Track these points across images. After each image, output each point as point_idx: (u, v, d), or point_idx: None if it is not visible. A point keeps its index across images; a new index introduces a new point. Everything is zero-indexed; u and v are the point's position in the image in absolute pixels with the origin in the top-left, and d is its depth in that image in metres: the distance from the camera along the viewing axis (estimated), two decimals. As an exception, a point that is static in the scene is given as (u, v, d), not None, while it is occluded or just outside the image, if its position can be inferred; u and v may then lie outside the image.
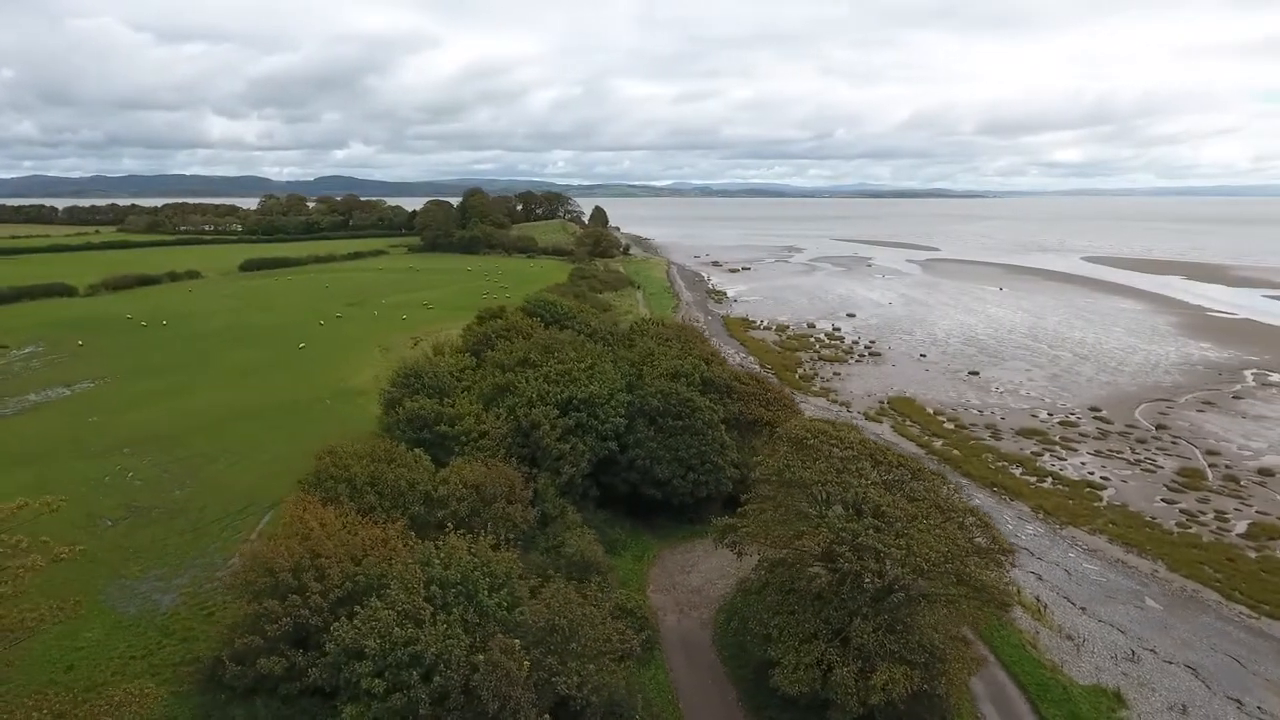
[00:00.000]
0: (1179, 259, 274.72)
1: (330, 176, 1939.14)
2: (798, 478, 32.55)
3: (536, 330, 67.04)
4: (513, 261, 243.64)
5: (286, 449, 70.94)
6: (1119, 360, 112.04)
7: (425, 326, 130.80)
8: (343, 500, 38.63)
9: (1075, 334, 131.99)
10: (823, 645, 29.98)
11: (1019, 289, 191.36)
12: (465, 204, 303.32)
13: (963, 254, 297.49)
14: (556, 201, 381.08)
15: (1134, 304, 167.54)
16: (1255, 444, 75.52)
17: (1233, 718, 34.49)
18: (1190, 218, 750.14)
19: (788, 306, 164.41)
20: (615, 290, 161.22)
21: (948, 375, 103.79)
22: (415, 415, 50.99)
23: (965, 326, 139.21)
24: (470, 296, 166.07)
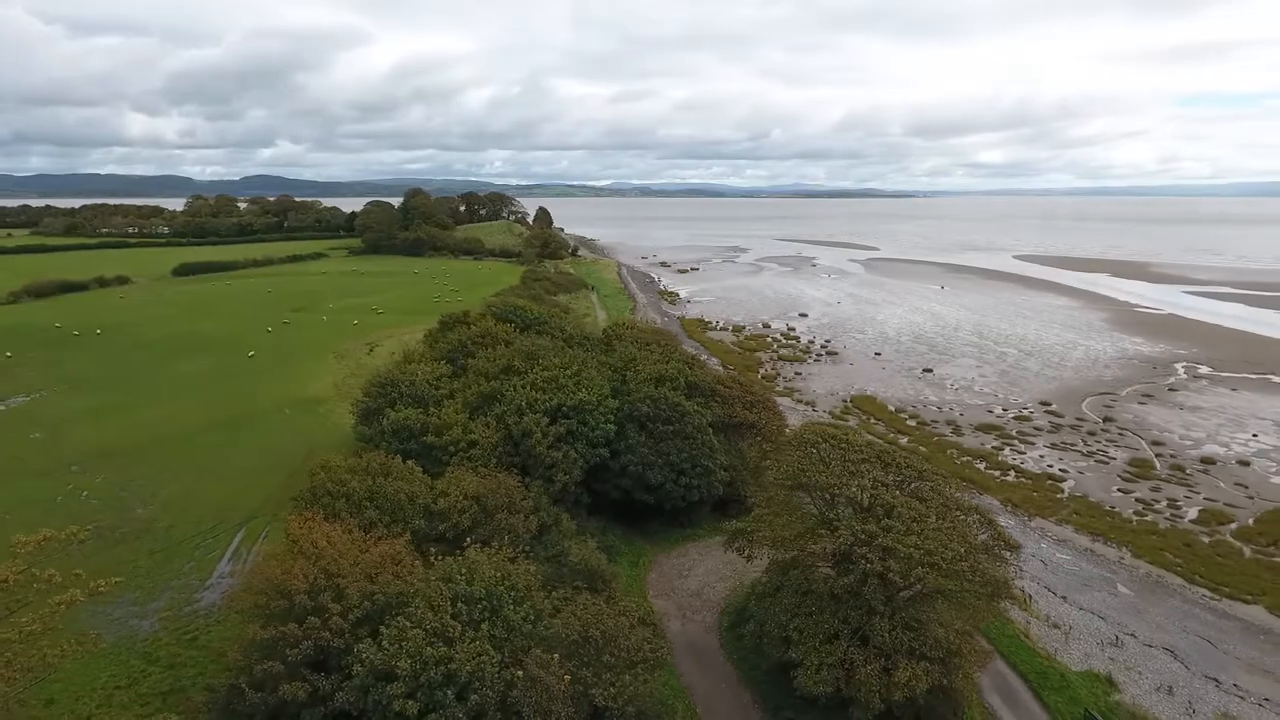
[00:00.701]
0: (1101, 257, 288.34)
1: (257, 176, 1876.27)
2: (814, 481, 33.15)
3: (516, 337, 66.27)
4: (460, 263, 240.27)
5: (251, 462, 68.72)
6: (1061, 355, 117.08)
7: (379, 332, 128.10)
8: (343, 516, 37.62)
9: (1018, 331, 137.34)
10: (844, 645, 30.63)
11: (959, 287, 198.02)
12: (407, 205, 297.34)
13: (902, 253, 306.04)
14: (500, 202, 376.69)
15: (1067, 301, 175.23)
16: (1195, 434, 79.92)
17: (1213, 696, 36.57)
18: (1106, 217, 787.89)
19: (741, 307, 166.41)
20: (570, 292, 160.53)
21: (903, 373, 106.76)
22: (401, 426, 49.94)
23: (914, 325, 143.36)
24: (421, 300, 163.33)
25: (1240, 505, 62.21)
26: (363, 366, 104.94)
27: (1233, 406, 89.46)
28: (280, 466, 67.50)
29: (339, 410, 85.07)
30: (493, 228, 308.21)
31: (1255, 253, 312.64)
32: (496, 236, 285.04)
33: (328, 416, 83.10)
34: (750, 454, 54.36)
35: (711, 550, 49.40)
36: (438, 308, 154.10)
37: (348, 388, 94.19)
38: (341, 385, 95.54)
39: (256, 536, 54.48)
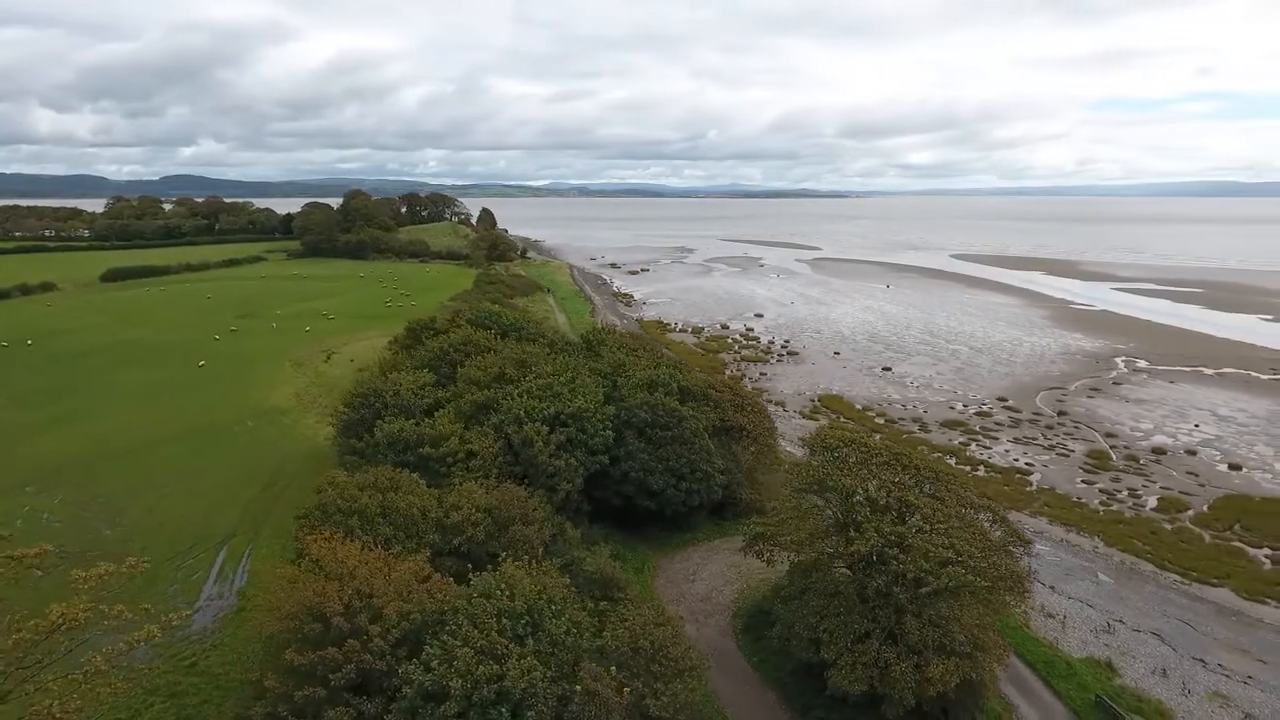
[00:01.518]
0: (1032, 255, 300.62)
1: (179, 175, 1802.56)
2: (839, 484, 33.89)
3: (499, 344, 65.52)
4: (406, 266, 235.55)
5: (220, 477, 66.25)
6: (1009, 352, 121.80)
7: (333, 339, 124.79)
8: (356, 534, 36.71)
9: (966, 328, 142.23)
10: (876, 644, 31.41)
11: (904, 286, 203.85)
12: (347, 206, 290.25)
13: (844, 253, 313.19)
14: (442, 203, 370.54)
15: (1007, 299, 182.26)
16: (1143, 425, 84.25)
17: (1203, 676, 38.82)
18: (1029, 216, 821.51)
19: (696, 308, 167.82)
20: (526, 295, 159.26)
21: (864, 372, 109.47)
22: (396, 438, 48.90)
23: (866, 324, 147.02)
24: (372, 305, 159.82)
25: (1194, 493, 65.91)
26: (322, 375, 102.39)
27: (1173, 399, 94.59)
28: (252, 481, 65.32)
29: (305, 421, 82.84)
30: (437, 229, 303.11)
31: (1170, 250, 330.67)
32: (442, 238, 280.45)
33: (293, 428, 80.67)
34: (744, 457, 55.01)
35: (713, 554, 49.94)
36: (390, 313, 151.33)
37: (310, 397, 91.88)
38: (303, 395, 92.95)
39: (239, 556, 52.71)
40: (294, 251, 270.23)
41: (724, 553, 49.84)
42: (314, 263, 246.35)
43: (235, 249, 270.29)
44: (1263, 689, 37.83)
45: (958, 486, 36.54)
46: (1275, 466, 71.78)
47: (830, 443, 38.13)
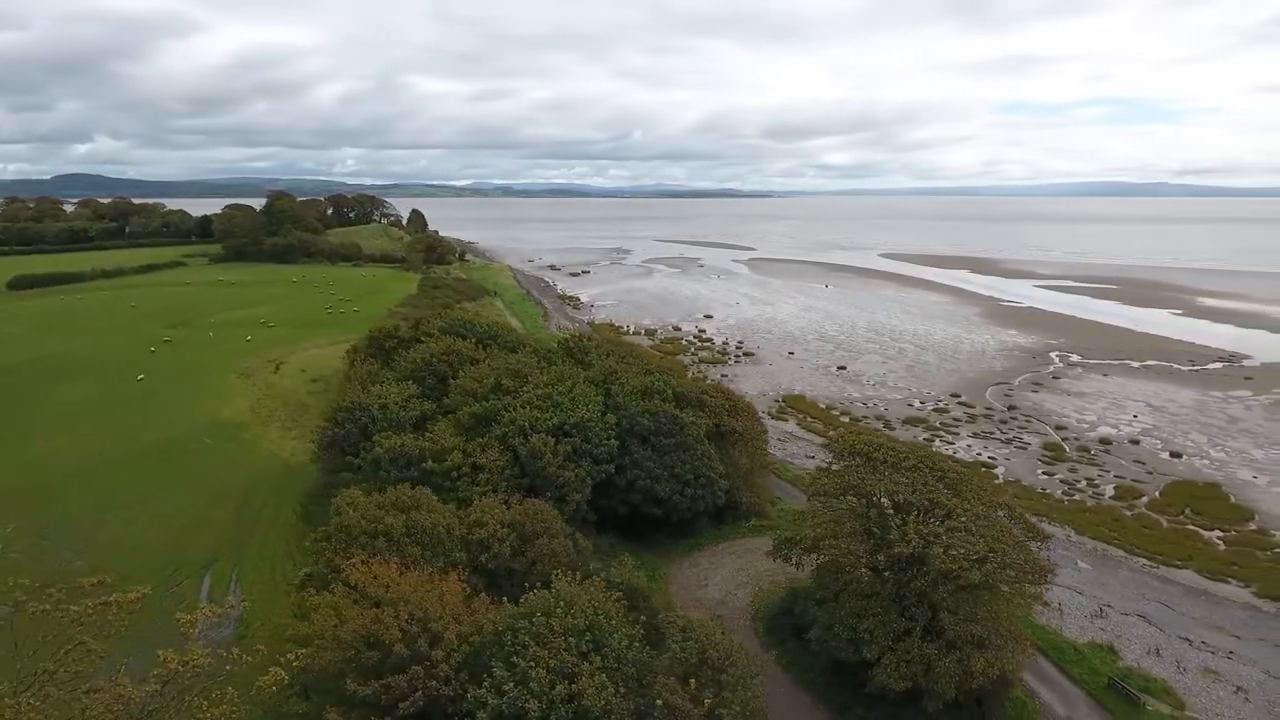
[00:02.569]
0: (953, 254, 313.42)
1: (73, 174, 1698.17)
2: (876, 488, 34.97)
3: (491, 354, 64.51)
4: (339, 271, 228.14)
5: (186, 499, 63.23)
6: (952, 349, 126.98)
7: (277, 348, 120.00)
8: (383, 555, 35.78)
9: (907, 327, 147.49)
10: (917, 641, 32.62)
11: (842, 286, 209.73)
12: (272, 208, 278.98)
13: (778, 253, 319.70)
14: (371, 204, 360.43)
15: (941, 297, 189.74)
16: (1087, 418, 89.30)
17: (1191, 654, 41.73)
18: (943, 215, 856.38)
19: (645, 310, 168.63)
20: (473, 300, 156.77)
21: (820, 371, 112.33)
22: (398, 453, 47.73)
23: (814, 324, 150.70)
24: (311, 311, 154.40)
25: (1144, 480, 70.37)
26: (274, 387, 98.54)
27: (1109, 391, 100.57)
28: (224, 502, 62.59)
29: (267, 436, 79.76)
30: (368, 232, 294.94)
31: (1078, 248, 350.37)
32: (374, 241, 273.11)
33: (255, 444, 77.55)
34: (741, 461, 55.89)
35: (720, 558, 50.61)
36: (332, 319, 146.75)
37: (266, 410, 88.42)
38: (258, 408, 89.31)
39: (227, 581, 50.57)
40: (216, 256, 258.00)
41: (730, 557, 50.59)
42: (239, 268, 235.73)
43: (151, 253, 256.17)
44: (1244, 663, 40.92)
45: (976, 485, 38.21)
46: (1210, 453, 77.20)
47: (860, 448, 39.27)
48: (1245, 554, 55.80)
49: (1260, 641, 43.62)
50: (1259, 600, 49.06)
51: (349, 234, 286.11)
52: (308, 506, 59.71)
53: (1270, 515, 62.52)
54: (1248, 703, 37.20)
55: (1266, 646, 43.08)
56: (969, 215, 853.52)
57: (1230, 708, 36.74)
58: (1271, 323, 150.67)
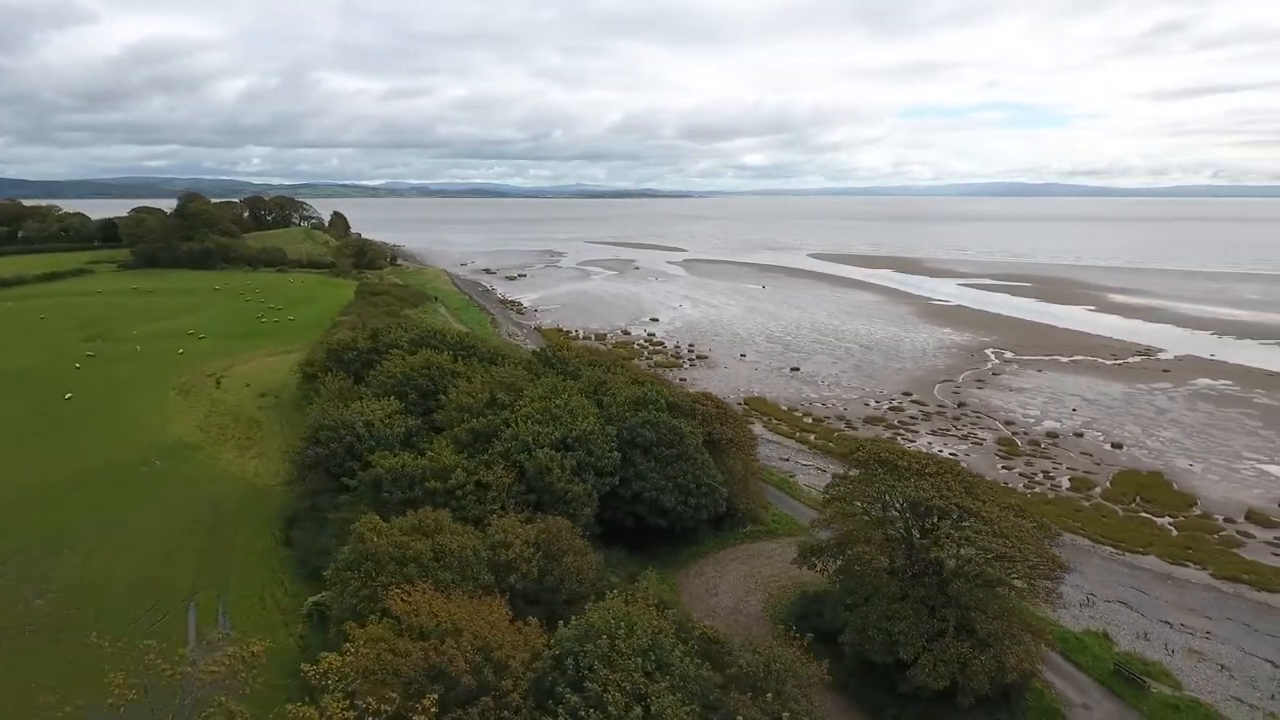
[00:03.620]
0: (875, 254, 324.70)
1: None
2: (911, 498, 36.18)
3: (471, 366, 63.31)
4: (264, 277, 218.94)
5: (149, 526, 59.94)
6: (895, 348, 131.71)
7: (214, 361, 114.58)
8: (415, 581, 34.88)
9: (848, 326, 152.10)
10: (952, 641, 34.01)
11: (778, 287, 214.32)
12: (185, 211, 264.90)
13: (709, 254, 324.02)
14: (290, 206, 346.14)
15: (874, 297, 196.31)
16: (1031, 412, 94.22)
17: (1174, 636, 44.82)
18: (858, 215, 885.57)
19: (589, 314, 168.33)
20: (415, 306, 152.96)
21: (775, 373, 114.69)
22: (400, 473, 46.45)
23: (759, 326, 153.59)
24: (243, 322, 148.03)
25: (1094, 471, 74.84)
26: (219, 403, 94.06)
27: (1046, 386, 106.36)
28: (192, 529, 59.48)
29: (222, 456, 76.13)
30: (290, 235, 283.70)
31: (989, 247, 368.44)
32: (298, 245, 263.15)
33: (211, 465, 73.94)
34: (736, 467, 56.67)
35: (723, 565, 51.26)
36: (267, 329, 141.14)
37: (216, 428, 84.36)
38: (206, 427, 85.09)
39: (214, 615, 48.10)
40: (125, 262, 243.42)
41: (733, 563, 51.32)
42: (153, 275, 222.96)
43: (50, 260, 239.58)
44: (1220, 642, 44.24)
45: (987, 487, 40.00)
46: (1147, 444, 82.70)
47: (885, 456, 40.51)
48: (1196, 538, 60.13)
49: (1229, 620, 47.17)
50: (1217, 581, 52.98)
51: (270, 238, 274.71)
52: (288, 531, 57.42)
53: (1210, 501, 67.50)
54: (1233, 679, 40.26)
55: (1235, 625, 46.62)
56: (882, 215, 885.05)
57: (1219, 685, 39.69)
58: (1175, 317, 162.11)
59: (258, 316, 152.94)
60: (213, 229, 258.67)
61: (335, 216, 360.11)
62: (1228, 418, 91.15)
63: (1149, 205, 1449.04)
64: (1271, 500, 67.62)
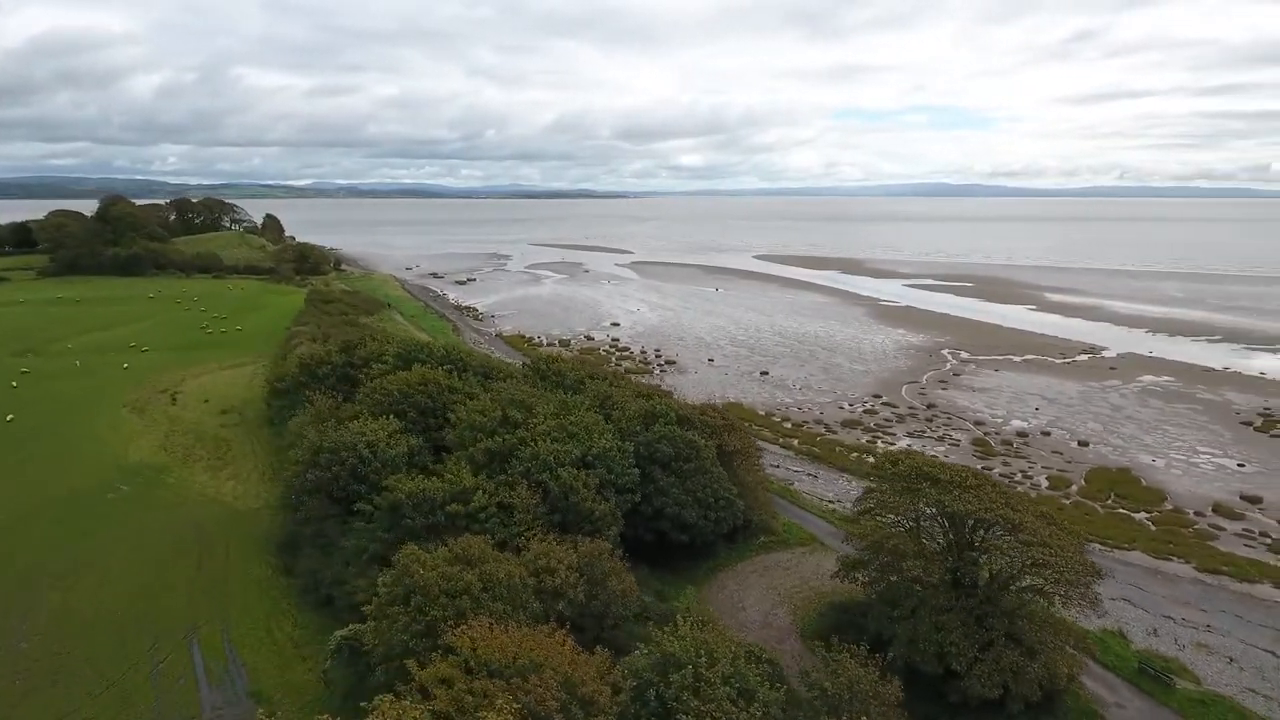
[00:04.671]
0: (820, 254, 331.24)
1: None
2: (961, 511, 36.89)
3: (466, 382, 61.77)
4: (199, 284, 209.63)
5: (129, 556, 57.18)
6: (856, 350, 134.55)
7: (163, 375, 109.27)
8: (466, 615, 33.84)
9: (808, 329, 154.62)
10: (1004, 650, 34.88)
11: (732, 289, 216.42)
12: (109, 214, 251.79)
13: (656, 256, 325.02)
14: (219, 209, 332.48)
15: (827, 298, 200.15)
16: (998, 413, 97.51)
17: (1180, 630, 46.92)
18: (793, 215, 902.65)
19: (548, 319, 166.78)
20: (371, 314, 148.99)
21: (746, 378, 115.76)
22: (422, 497, 45.00)
23: (720, 329, 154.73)
24: (186, 332, 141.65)
25: (1067, 469, 77.91)
26: (179, 420, 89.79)
27: (1006, 386, 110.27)
28: (176, 558, 56.72)
29: (194, 479, 72.66)
30: (224, 240, 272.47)
31: (924, 247, 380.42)
32: (234, 250, 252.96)
33: (185, 488, 70.50)
34: (747, 479, 56.80)
35: (744, 578, 51.37)
36: (214, 340, 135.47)
37: (182, 449, 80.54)
38: (170, 447, 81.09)
39: (219, 650, 45.88)
40: (44, 269, 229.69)
41: (753, 575, 51.50)
42: (78, 282, 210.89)
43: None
44: (1222, 634, 46.58)
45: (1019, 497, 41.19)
46: (1110, 441, 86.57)
47: (927, 470, 41.15)
48: (1173, 533, 63.22)
49: (1221, 613, 49.71)
50: (1202, 575, 55.75)
51: (202, 242, 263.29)
52: (284, 558, 55.07)
53: (1178, 495, 71.08)
54: (1242, 671, 42.43)
55: (1228, 617, 49.17)
56: (817, 215, 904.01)
57: (1231, 678, 41.77)
58: (1110, 316, 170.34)
59: (202, 326, 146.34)
60: (139, 233, 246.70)
61: (268, 219, 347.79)
62: (1178, 414, 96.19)
63: (1063, 205, 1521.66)
64: (1232, 493, 71.59)
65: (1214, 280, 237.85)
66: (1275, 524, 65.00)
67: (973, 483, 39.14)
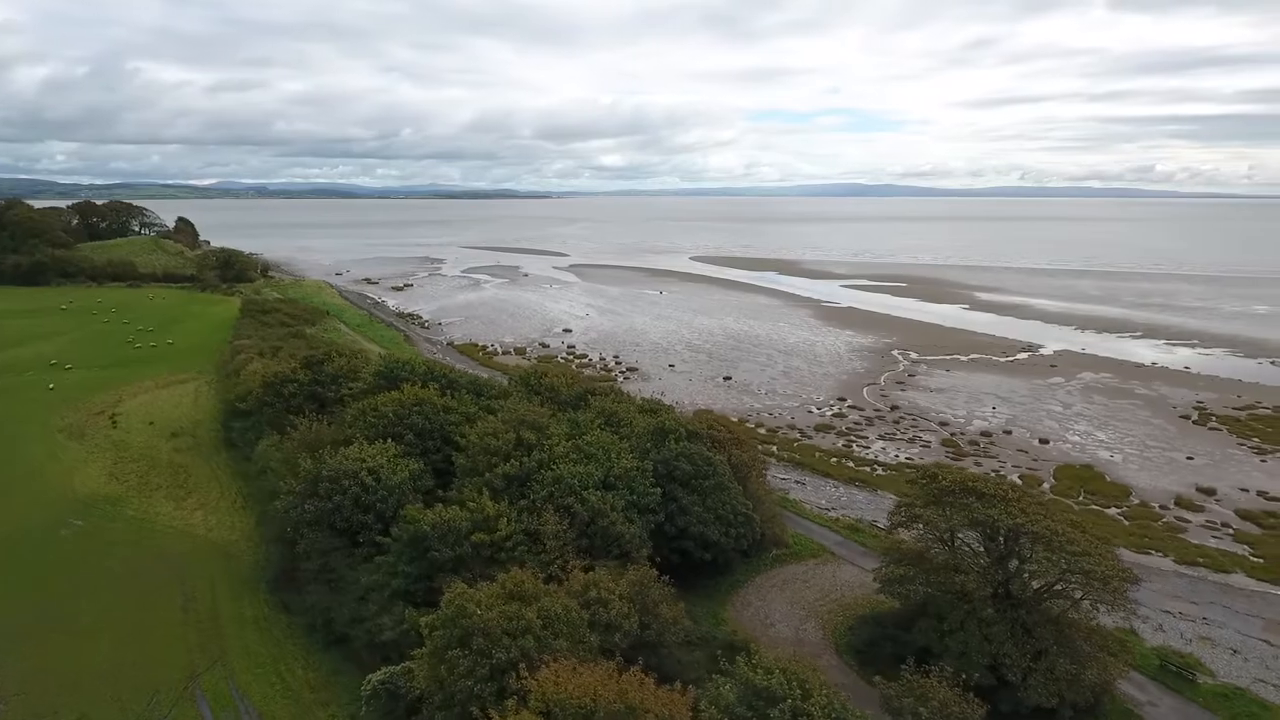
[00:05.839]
0: (754, 256, 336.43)
1: None
2: (1010, 525, 37.64)
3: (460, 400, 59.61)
4: (115, 293, 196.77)
5: (104, 601, 53.10)
6: (811, 352, 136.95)
7: (96, 395, 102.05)
8: (533, 656, 32.54)
9: (759, 331, 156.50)
10: (1054, 658, 35.85)
11: (675, 292, 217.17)
12: (5, 219, 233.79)
13: (593, 258, 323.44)
14: (127, 212, 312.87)
15: (770, 300, 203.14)
16: (959, 412, 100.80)
17: (1180, 625, 49.37)
18: (717, 215, 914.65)
19: (496, 326, 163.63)
20: (313, 325, 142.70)
21: (710, 383, 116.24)
22: (447, 528, 43.12)
23: (674, 334, 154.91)
24: (112, 347, 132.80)
25: (1035, 468, 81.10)
26: (125, 446, 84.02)
27: (960, 386, 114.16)
28: (157, 600, 53.17)
29: (159, 511, 68.26)
30: (137, 245, 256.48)
31: (854, 247, 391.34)
32: (148, 257, 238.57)
33: (149, 522, 66.11)
34: (758, 492, 56.76)
35: (765, 593, 51.31)
36: (144, 356, 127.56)
37: (135, 478, 75.61)
38: (121, 476, 75.94)
39: (227, 700, 42.90)
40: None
41: (773, 590, 51.51)
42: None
43: None
44: (1220, 626, 49.27)
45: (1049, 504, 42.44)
46: (1068, 437, 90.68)
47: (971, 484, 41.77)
48: (1145, 526, 66.62)
49: (1211, 604, 52.59)
50: (1182, 567, 58.89)
51: (112, 249, 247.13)
52: (281, 594, 52.02)
53: (1141, 490, 74.96)
54: (1247, 662, 44.95)
55: (1217, 608, 52.05)
56: (742, 215, 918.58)
57: (1240, 669, 44.17)
58: (1039, 314, 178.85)
59: (128, 340, 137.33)
60: (42, 239, 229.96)
61: (181, 223, 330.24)
62: (1122, 409, 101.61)
63: (971, 205, 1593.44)
64: (1188, 485, 75.96)
65: (1124, 278, 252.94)
66: (1233, 514, 69.28)
67: (1013, 495, 40.12)
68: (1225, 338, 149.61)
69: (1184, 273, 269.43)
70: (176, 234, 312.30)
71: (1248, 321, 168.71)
